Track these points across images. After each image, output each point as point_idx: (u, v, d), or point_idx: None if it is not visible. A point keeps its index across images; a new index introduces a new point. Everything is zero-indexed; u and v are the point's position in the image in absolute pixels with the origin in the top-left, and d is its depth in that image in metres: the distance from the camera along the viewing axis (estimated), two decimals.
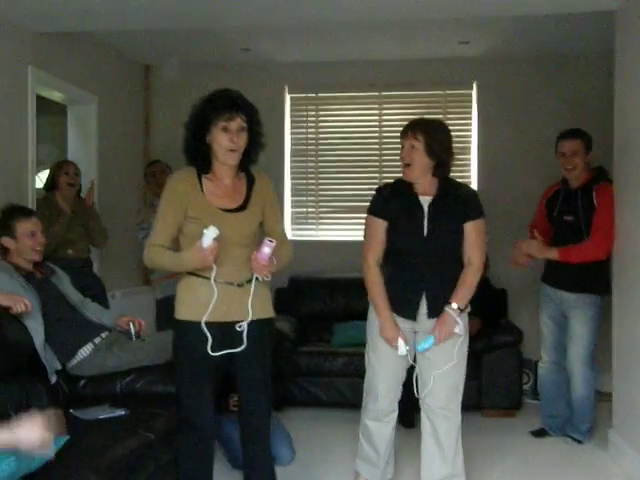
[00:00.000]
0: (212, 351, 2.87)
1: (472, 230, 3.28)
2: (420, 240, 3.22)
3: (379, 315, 3.30)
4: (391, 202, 3.29)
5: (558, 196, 4.43)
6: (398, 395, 3.43)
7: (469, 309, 3.39)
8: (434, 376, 3.27)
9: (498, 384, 5.05)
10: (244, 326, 2.91)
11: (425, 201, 3.27)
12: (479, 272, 3.30)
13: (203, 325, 2.87)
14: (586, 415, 4.42)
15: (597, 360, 4.41)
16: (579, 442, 4.42)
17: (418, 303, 3.27)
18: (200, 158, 2.92)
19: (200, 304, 2.90)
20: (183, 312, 2.98)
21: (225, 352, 2.90)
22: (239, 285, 2.92)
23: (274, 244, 2.80)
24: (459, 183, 3.43)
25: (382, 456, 3.47)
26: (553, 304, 4.46)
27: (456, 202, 3.28)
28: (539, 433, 4.61)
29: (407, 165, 3.24)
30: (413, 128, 3.23)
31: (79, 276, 4.68)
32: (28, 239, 3.67)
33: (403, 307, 3.29)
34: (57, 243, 4.69)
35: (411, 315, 3.28)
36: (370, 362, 3.43)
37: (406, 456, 3.86)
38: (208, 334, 2.87)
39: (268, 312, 3.08)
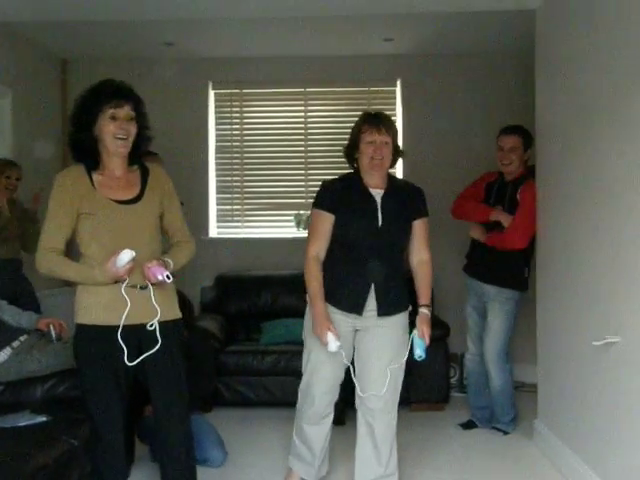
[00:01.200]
0: (127, 359, 2.75)
1: (421, 227, 3.32)
2: (374, 232, 3.19)
3: (313, 308, 3.21)
4: (340, 195, 3.24)
5: (495, 185, 4.49)
6: (335, 397, 3.38)
7: (410, 308, 3.38)
8: (389, 371, 3.22)
9: (426, 378, 5.08)
10: (155, 324, 2.79)
11: (377, 194, 3.26)
12: (432, 268, 3.36)
13: (119, 338, 2.74)
14: (506, 405, 4.51)
15: (523, 351, 4.50)
16: (505, 433, 4.50)
17: (366, 297, 3.23)
18: (88, 152, 2.81)
19: (105, 307, 2.79)
20: (87, 316, 2.83)
21: (143, 357, 2.78)
22: (142, 288, 2.80)
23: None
24: (403, 179, 3.51)
25: (318, 457, 3.43)
26: (476, 296, 4.54)
27: (405, 198, 3.30)
28: (467, 425, 4.68)
29: (380, 159, 3.21)
30: (384, 124, 3.22)
31: (13, 278, 4.66)
32: None
33: (349, 301, 3.23)
34: None
35: (357, 309, 3.22)
36: (309, 363, 3.34)
37: (339, 453, 3.84)
38: (123, 345, 2.74)
39: (175, 313, 2.97)
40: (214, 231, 6.23)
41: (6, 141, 5.17)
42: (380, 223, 3.21)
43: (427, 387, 5.11)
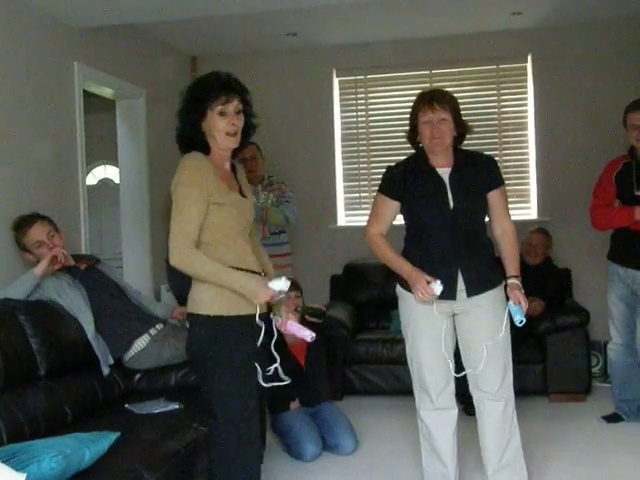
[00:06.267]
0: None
1: (498, 198, 3.17)
2: (447, 214, 3.07)
3: (401, 269, 3.08)
4: (406, 180, 3.14)
5: (629, 169, 4.15)
6: (452, 387, 3.22)
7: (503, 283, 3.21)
8: (486, 353, 3.07)
9: (565, 367, 4.86)
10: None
11: (444, 173, 3.13)
12: (516, 238, 3.21)
13: (258, 320, 2.66)
14: None
15: None
16: None
17: (455, 280, 3.09)
18: (198, 145, 2.74)
19: (230, 296, 2.68)
20: (228, 307, 2.70)
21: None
22: (266, 274, 2.83)
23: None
24: (474, 151, 3.29)
25: (449, 463, 3.24)
26: (622, 283, 4.24)
27: (476, 171, 3.15)
28: (612, 418, 4.40)
29: (437, 138, 3.08)
30: (438, 99, 3.09)
31: None
32: (39, 250, 3.61)
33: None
34: None
35: (451, 294, 3.08)
36: (414, 359, 3.22)
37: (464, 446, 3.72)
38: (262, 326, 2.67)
39: None
40: (342, 219, 6.21)
41: (141, 139, 5.38)
42: (452, 205, 3.07)
43: (566, 376, 4.87)
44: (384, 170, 3.28)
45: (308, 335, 2.77)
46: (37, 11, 4.17)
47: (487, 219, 3.24)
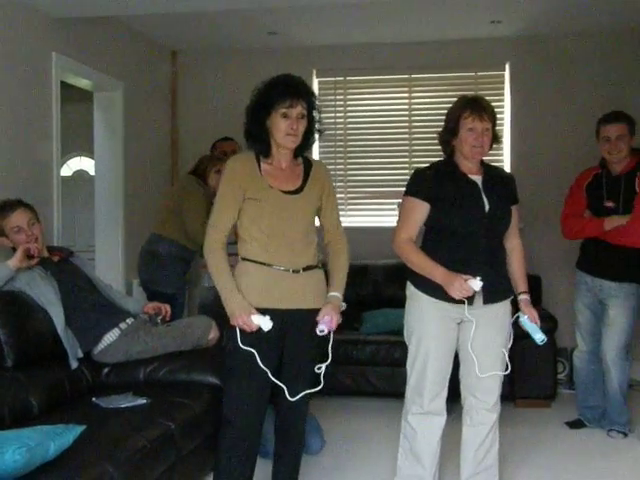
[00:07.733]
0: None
1: (515, 213, 3.26)
2: (482, 216, 3.09)
3: (434, 272, 3.04)
4: (437, 183, 3.13)
5: (600, 181, 4.24)
6: (445, 393, 3.21)
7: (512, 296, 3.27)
8: (493, 361, 3.14)
9: (532, 374, 4.91)
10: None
11: (477, 179, 3.17)
12: (524, 254, 3.32)
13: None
14: (622, 405, 4.28)
15: (635, 348, 4.25)
16: (624, 435, 4.25)
17: None
18: (260, 142, 2.90)
19: (256, 290, 2.87)
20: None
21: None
22: (294, 271, 2.88)
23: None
24: (495, 166, 3.41)
25: (428, 469, 3.23)
26: (589, 292, 4.31)
27: (502, 184, 3.24)
28: (575, 424, 4.47)
29: (480, 147, 3.12)
30: (487, 111, 3.11)
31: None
32: (17, 235, 3.59)
33: None
34: None
35: (469, 299, 3.05)
36: (418, 357, 3.17)
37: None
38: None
39: (321, 302, 3.01)
40: (316, 220, 6.21)
41: (118, 132, 5.35)
42: (487, 207, 3.11)
43: (533, 383, 4.93)
44: (414, 172, 3.29)
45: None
46: (15, 0, 4.13)
47: None
